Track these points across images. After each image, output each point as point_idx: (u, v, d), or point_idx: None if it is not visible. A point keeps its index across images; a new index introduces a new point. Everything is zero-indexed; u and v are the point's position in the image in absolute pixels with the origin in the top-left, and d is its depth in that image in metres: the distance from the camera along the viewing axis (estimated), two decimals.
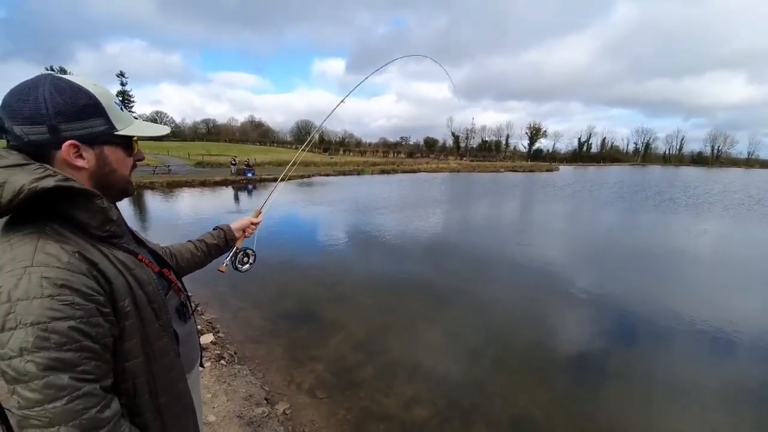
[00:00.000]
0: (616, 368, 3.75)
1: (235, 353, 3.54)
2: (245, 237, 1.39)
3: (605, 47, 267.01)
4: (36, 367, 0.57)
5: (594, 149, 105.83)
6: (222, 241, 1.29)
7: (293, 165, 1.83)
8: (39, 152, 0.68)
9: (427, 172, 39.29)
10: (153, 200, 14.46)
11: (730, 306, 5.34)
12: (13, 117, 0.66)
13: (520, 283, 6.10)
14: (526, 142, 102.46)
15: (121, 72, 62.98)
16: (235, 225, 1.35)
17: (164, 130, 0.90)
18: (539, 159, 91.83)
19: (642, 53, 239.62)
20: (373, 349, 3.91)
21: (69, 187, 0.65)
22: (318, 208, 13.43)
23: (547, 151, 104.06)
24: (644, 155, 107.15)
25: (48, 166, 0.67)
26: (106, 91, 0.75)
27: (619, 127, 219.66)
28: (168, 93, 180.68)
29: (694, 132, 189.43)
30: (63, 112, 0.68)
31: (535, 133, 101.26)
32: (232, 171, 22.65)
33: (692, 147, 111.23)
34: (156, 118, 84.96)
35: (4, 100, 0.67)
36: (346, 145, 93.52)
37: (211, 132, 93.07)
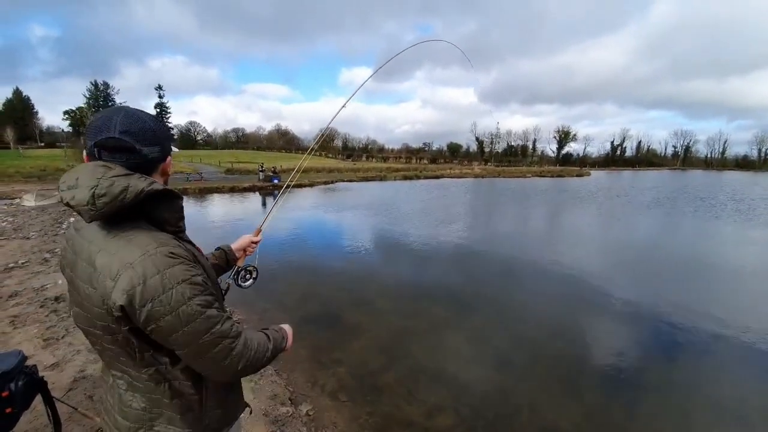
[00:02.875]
0: (652, 382, 3.54)
1: None
2: (246, 255, 1.43)
3: (643, 47, 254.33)
4: (199, 307, 0.81)
5: (629, 153, 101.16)
6: (223, 261, 1.34)
7: (298, 172, 1.91)
8: (150, 166, 0.89)
9: (451, 177, 38.92)
10: (186, 205, 15.13)
11: None
12: (139, 141, 0.85)
13: (549, 291, 5.89)
14: (554, 146, 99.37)
15: (159, 86, 67.07)
16: (235, 245, 1.39)
17: (175, 150, 1.18)
18: (568, 163, 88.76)
19: (682, 52, 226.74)
20: (395, 354, 3.90)
21: (170, 190, 0.86)
22: (341, 213, 13.61)
23: (577, 155, 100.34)
24: (684, 159, 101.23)
25: (144, 174, 0.85)
26: None
27: (656, 130, 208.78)
28: (203, 104, 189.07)
29: (738, 134, 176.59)
30: (165, 137, 0.92)
31: (564, 137, 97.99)
32: (260, 177, 23.40)
33: (736, 150, 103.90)
34: (190, 127, 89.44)
35: (127, 129, 0.84)
36: (369, 151, 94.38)
37: (240, 140, 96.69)
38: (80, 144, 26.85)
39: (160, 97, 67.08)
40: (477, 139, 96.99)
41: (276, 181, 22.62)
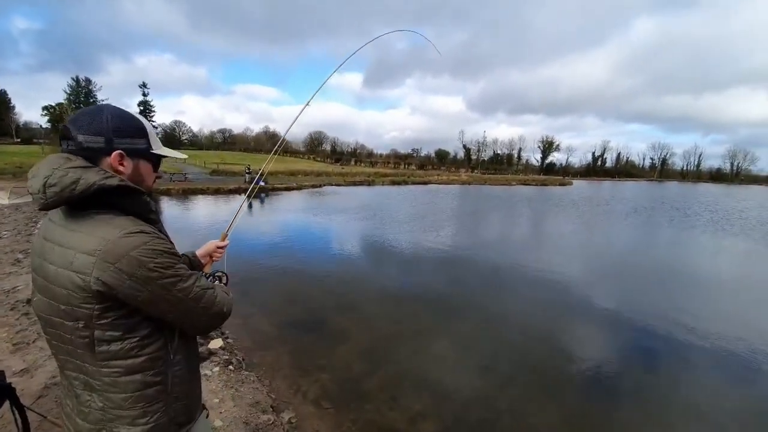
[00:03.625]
0: (631, 388, 3.64)
1: (243, 359, 3.56)
2: (213, 261, 1.39)
3: (624, 63, 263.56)
4: (181, 270, 0.89)
5: (609, 164, 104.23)
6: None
7: (262, 175, 1.95)
8: (91, 156, 0.87)
9: (438, 184, 39.26)
10: (168, 206, 14.82)
11: (755, 328, 5.14)
12: (79, 128, 0.86)
13: (533, 298, 6.00)
14: (538, 156, 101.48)
15: (143, 83, 65.22)
16: (200, 251, 1.35)
17: (183, 156, 1.24)
18: (552, 173, 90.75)
19: (661, 69, 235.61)
20: (379, 360, 3.89)
21: (126, 185, 0.87)
22: (328, 217, 13.53)
23: (560, 165, 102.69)
24: (661, 171, 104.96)
25: (106, 169, 0.87)
26: (150, 124, 1.01)
27: (635, 143, 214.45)
28: (190, 104, 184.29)
29: (713, 148, 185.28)
30: (119, 130, 0.89)
31: (547, 147, 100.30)
32: (246, 180, 23.09)
33: (710, 163, 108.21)
34: (175, 127, 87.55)
35: (75, 117, 0.87)
36: (358, 156, 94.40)
37: (226, 141, 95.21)
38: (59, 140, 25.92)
39: (144, 95, 65.30)
40: (464, 146, 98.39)
41: (263, 184, 22.38)
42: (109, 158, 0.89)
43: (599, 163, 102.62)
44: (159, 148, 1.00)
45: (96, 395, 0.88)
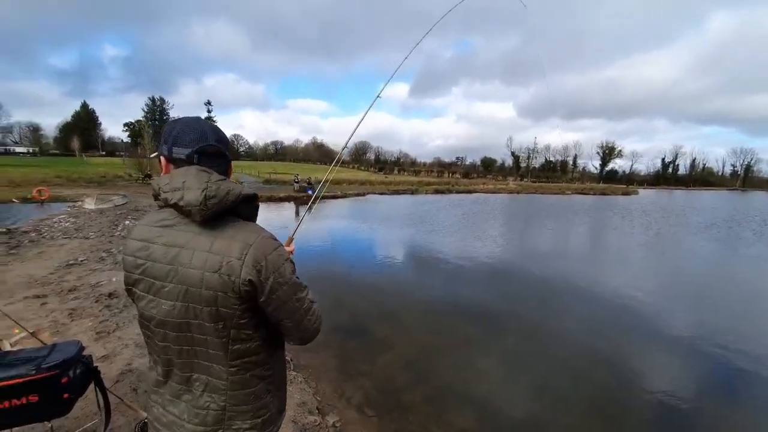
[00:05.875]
0: (705, 424, 3.20)
1: (291, 360, 3.69)
2: None
3: (698, 60, 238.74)
4: (299, 279, 0.99)
5: (681, 171, 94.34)
6: None
7: (326, 183, 1.95)
8: (229, 169, 1.02)
9: (484, 192, 38.17)
10: None
11: None
12: (226, 147, 1.01)
13: (592, 316, 5.54)
14: (597, 163, 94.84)
15: (208, 101, 72.30)
16: None
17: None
18: (613, 181, 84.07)
19: (742, 65, 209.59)
20: (423, 371, 3.81)
21: (254, 194, 0.98)
22: (372, 224, 13.71)
23: (623, 172, 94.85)
24: (744, 179, 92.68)
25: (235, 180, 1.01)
26: None
27: (713, 147, 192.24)
28: (248, 119, 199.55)
29: None
30: (225, 140, 1.02)
31: (608, 153, 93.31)
32: (295, 188, 24.26)
33: None
34: (234, 140, 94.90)
35: (219, 138, 0.99)
36: (401, 164, 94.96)
37: (278, 152, 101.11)
38: (137, 153, 29.20)
39: (209, 111, 72.14)
40: (513, 153, 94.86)
41: (310, 192, 23.36)
42: (229, 164, 1.03)
43: (670, 170, 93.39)
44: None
45: (217, 396, 0.93)
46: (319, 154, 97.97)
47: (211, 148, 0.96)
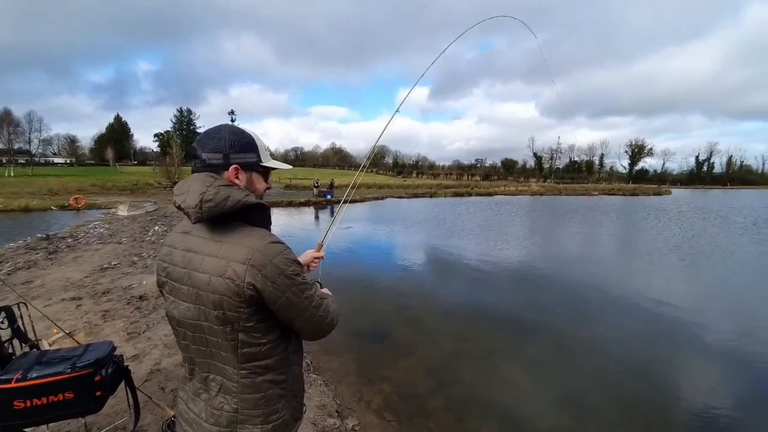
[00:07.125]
0: None
1: (311, 362, 3.73)
2: (310, 271, 1.50)
3: (736, 52, 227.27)
4: (305, 279, 0.98)
5: (717, 169, 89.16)
6: None
7: (353, 188, 1.92)
8: (213, 170, 0.98)
9: (505, 195, 37.46)
10: None
11: None
12: (202, 147, 0.98)
13: (625, 324, 5.27)
14: (625, 162, 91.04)
15: (232, 110, 74.60)
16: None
17: (288, 167, 1.28)
18: (644, 181, 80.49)
19: None
20: (444, 377, 3.75)
21: (260, 203, 0.98)
22: (392, 228, 13.70)
23: (654, 171, 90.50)
24: None
25: (243, 188, 0.99)
26: (260, 139, 1.08)
27: (752, 144, 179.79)
28: (271, 126, 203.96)
29: None
30: (234, 146, 0.99)
31: (637, 151, 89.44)
32: (315, 193, 24.61)
33: None
34: None
35: (200, 138, 1.00)
36: (420, 168, 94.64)
37: (298, 158, 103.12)
38: (166, 162, 30.50)
39: (233, 120, 74.49)
40: (535, 154, 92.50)
41: (329, 197, 23.62)
42: (227, 172, 0.98)
43: (705, 168, 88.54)
44: (268, 161, 1.08)
45: (230, 398, 0.95)
46: (337, 158, 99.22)
47: (206, 156, 0.97)
